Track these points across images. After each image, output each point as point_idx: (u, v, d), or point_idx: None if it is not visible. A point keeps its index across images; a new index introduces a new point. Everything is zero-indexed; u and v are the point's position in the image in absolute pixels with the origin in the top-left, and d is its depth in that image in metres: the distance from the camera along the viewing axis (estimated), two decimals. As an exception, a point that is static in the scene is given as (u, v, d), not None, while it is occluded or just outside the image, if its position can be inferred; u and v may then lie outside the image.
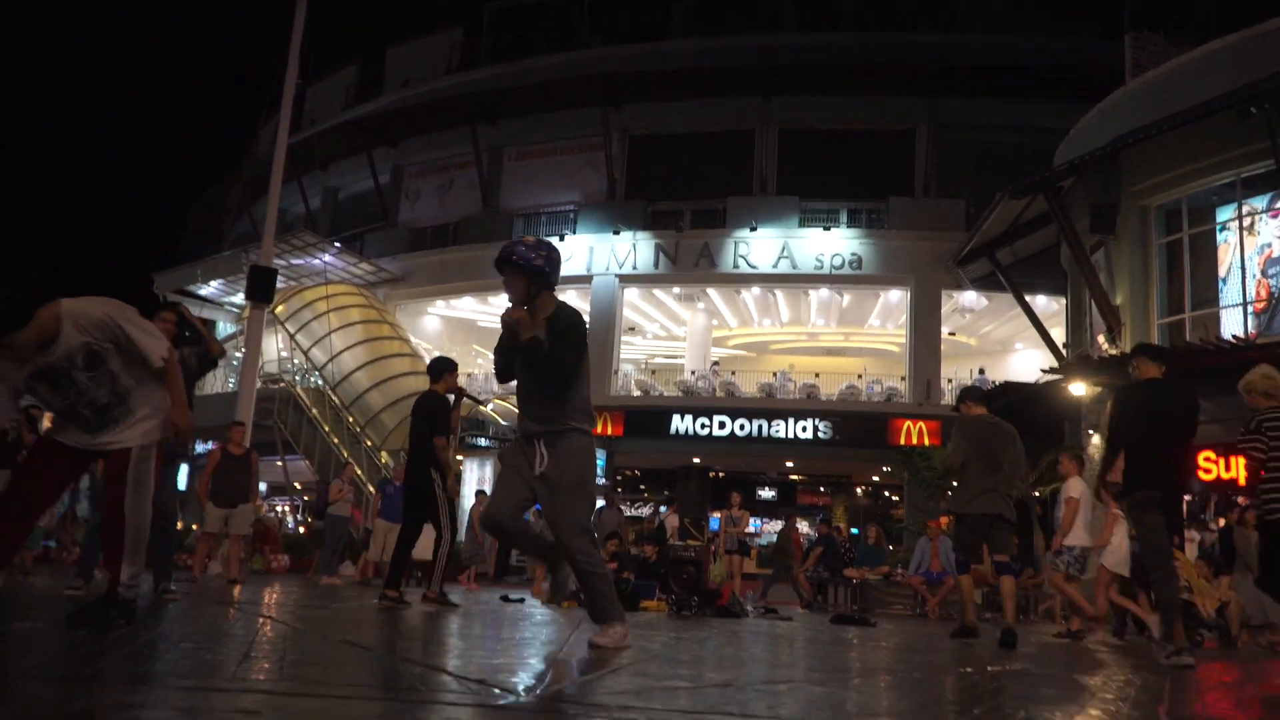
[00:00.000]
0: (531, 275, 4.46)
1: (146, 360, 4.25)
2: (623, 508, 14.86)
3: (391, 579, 7.54)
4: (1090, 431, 17.11)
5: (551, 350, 4.38)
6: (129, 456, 4.32)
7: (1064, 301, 21.69)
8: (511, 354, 4.56)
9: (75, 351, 4.11)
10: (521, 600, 10.05)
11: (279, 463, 25.37)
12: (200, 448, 31.54)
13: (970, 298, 25.55)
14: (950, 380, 25.67)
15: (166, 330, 6.28)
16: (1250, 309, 15.40)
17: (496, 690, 2.80)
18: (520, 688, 2.87)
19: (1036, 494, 17.14)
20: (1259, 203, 15.57)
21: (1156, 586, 6.33)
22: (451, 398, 7.89)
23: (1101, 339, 17.13)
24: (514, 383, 4.74)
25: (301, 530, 22.94)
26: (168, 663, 3.03)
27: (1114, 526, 9.32)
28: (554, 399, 4.46)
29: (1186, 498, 15.34)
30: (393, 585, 7.31)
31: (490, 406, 24.20)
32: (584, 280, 27.30)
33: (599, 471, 25.05)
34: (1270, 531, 5.74)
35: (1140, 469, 6.01)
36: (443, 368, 7.93)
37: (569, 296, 29.90)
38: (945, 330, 26.31)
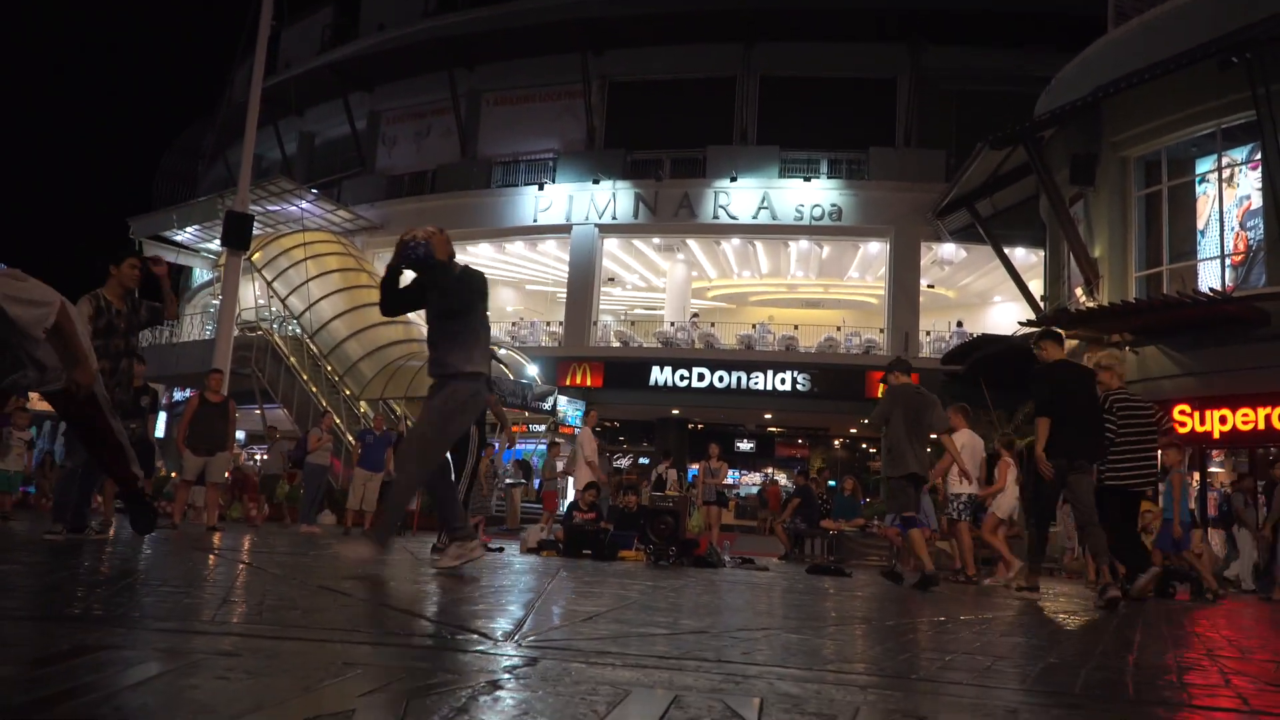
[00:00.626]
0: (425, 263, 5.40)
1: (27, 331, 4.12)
2: (610, 457, 14.91)
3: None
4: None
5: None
6: (93, 394, 4.30)
7: (1042, 254, 21.77)
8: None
9: None
10: (501, 549, 10.11)
11: (257, 411, 25.25)
12: (178, 395, 31.42)
13: (949, 250, 25.60)
14: (929, 332, 25.81)
15: (132, 277, 6.20)
16: (1228, 262, 15.50)
17: (475, 636, 2.82)
18: (499, 634, 2.89)
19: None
20: (1239, 154, 15.60)
21: (1089, 539, 6.95)
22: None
23: (1079, 291, 17.22)
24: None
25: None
26: (147, 606, 3.03)
27: (1005, 474, 9.99)
28: (447, 348, 5.28)
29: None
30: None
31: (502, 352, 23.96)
32: (563, 230, 27.14)
33: (577, 423, 25.15)
34: (1116, 495, 7.25)
35: (1073, 437, 6.78)
36: None
37: (549, 246, 29.63)
38: (924, 282, 26.40)
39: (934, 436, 8.52)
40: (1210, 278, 15.52)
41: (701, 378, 24.90)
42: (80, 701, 1.61)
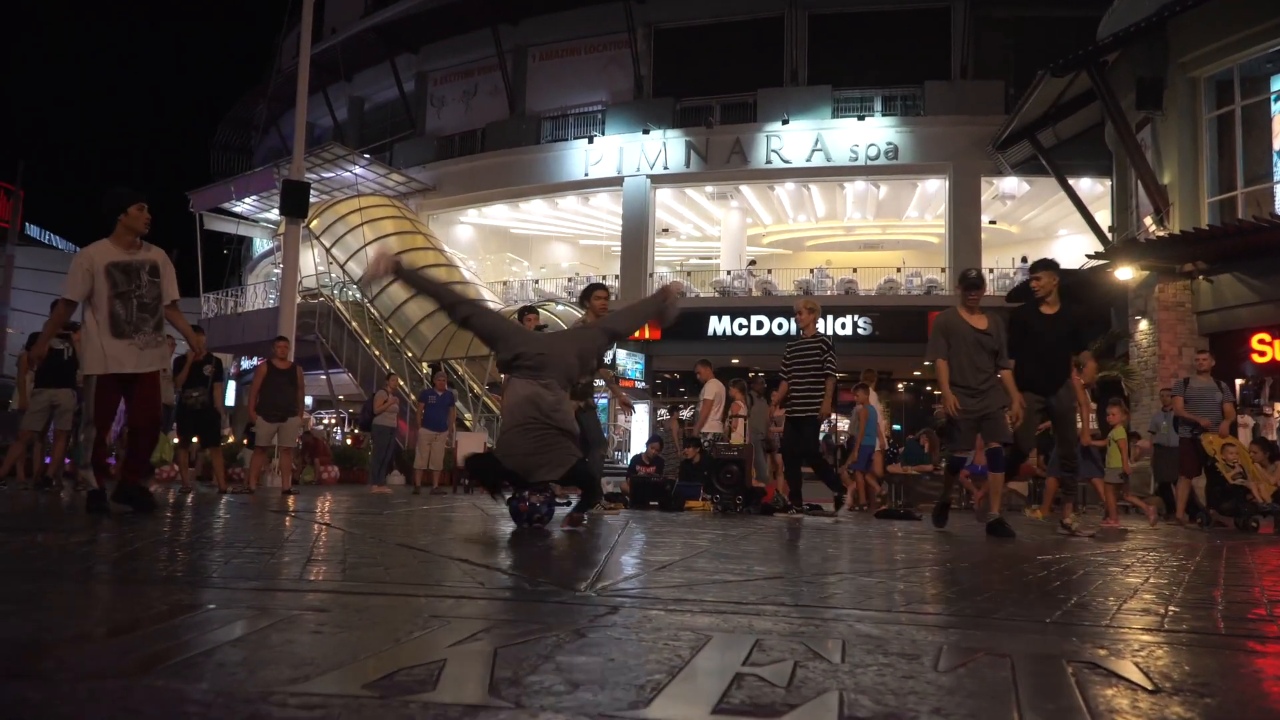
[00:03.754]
0: None
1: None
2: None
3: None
4: (1138, 317, 16.83)
5: None
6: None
7: (1109, 183, 21.14)
8: None
9: None
10: (569, 502, 10.22)
11: (323, 376, 25.74)
12: (245, 364, 32.18)
13: (1010, 184, 24.98)
14: (992, 270, 25.32)
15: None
16: (1306, 183, 14.92)
17: (554, 587, 2.86)
18: (578, 584, 2.93)
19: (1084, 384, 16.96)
20: (1317, 70, 14.93)
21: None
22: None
23: (1149, 221, 16.71)
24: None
25: (349, 441, 23.38)
26: (233, 567, 3.12)
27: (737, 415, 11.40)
28: None
29: (1240, 382, 15.21)
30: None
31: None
32: (615, 183, 27.02)
33: (638, 375, 25.30)
34: (791, 425, 8.93)
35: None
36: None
37: (601, 199, 29.61)
38: (985, 219, 25.83)
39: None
40: (1288, 200, 14.95)
41: (760, 325, 24.76)
42: (183, 658, 1.67)
